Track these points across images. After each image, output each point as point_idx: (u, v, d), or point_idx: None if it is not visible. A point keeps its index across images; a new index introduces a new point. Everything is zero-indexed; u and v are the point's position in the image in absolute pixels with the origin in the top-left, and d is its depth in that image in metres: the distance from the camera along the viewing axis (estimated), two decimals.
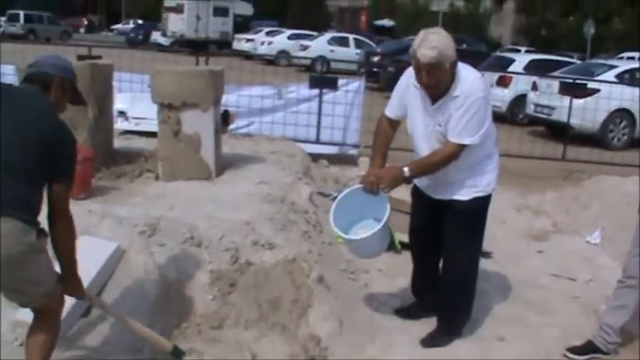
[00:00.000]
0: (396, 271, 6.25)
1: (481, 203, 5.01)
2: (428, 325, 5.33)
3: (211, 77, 6.60)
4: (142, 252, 4.99)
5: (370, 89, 15.86)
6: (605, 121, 15.86)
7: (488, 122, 4.74)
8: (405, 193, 6.61)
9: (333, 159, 10.77)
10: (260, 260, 5.13)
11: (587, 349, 5.16)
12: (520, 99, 18.84)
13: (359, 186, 4.99)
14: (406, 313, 5.58)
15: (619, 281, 5.14)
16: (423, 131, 4.89)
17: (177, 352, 4.36)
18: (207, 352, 4.54)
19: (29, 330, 3.82)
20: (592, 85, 14.86)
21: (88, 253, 4.89)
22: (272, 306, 4.89)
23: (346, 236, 4.92)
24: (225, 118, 7.33)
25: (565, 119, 13.81)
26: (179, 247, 5.10)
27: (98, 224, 5.22)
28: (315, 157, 9.70)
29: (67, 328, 4.55)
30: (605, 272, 6.65)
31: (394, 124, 5.14)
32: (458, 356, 5.02)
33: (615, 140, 16.15)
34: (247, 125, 11.15)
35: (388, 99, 5.20)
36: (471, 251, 5.19)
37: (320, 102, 11.70)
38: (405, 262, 5.88)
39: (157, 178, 6.66)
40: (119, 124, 8.99)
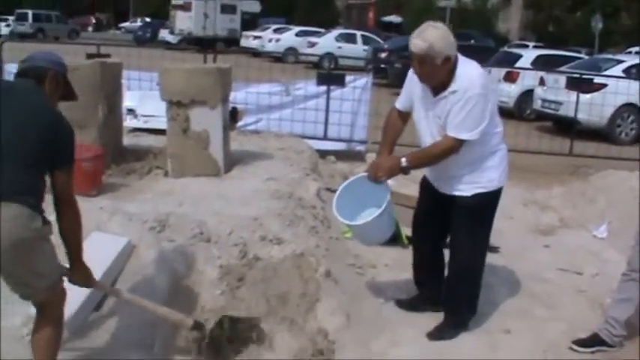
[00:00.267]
0: (403, 266, 6.28)
1: (484, 200, 5.02)
2: (435, 318, 5.37)
3: (219, 75, 6.66)
4: (152, 247, 5.08)
5: (378, 85, 15.91)
6: (613, 116, 15.84)
7: (488, 118, 4.75)
8: (412, 189, 6.68)
9: (340, 155, 10.79)
10: (268, 255, 5.19)
11: (593, 341, 5.19)
12: (527, 94, 18.78)
13: (361, 175, 5.13)
14: (408, 304, 5.63)
15: (623, 274, 5.18)
16: (425, 123, 4.97)
17: (198, 326, 4.45)
18: None
19: (34, 327, 3.85)
20: (599, 79, 14.87)
21: (99, 249, 4.97)
22: (280, 300, 4.94)
23: (346, 221, 5.05)
24: (234, 115, 7.39)
25: (572, 114, 13.76)
26: (188, 242, 5.17)
27: (109, 220, 5.31)
28: (322, 154, 9.74)
29: (77, 323, 4.63)
30: (612, 266, 6.65)
31: (404, 117, 5.21)
32: (464, 349, 5.06)
33: (623, 135, 16.12)
34: (255, 122, 11.18)
35: (396, 95, 5.29)
36: (475, 246, 5.22)
37: (327, 99, 11.71)
38: (411, 257, 5.92)
39: (165, 174, 6.74)
40: (128, 122, 9.05)
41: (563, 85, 15.53)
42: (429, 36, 4.62)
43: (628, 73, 16.00)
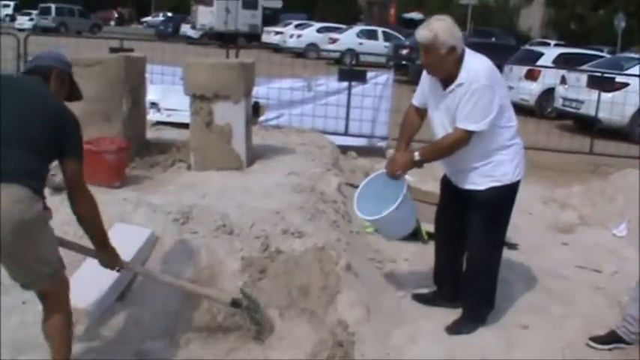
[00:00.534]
0: (423, 261, 6.34)
1: (499, 194, 5.07)
2: (453, 313, 5.42)
3: (242, 69, 6.72)
4: (176, 239, 5.16)
5: (399, 82, 15.91)
6: (634, 116, 15.78)
7: (497, 110, 4.83)
8: (432, 185, 6.73)
9: (361, 151, 10.84)
10: (290, 248, 5.23)
11: (611, 338, 5.21)
12: (548, 92, 18.76)
13: (379, 172, 5.29)
14: (426, 299, 5.70)
15: None
16: (437, 116, 5.09)
17: (236, 303, 4.56)
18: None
19: (42, 318, 3.89)
20: (621, 78, 14.81)
21: (124, 239, 5.04)
22: (301, 292, 4.99)
23: (364, 216, 5.21)
24: (256, 110, 7.45)
25: (593, 113, 13.78)
26: (211, 234, 5.22)
27: (133, 212, 5.39)
28: (343, 149, 9.79)
29: (101, 311, 4.71)
30: (631, 265, 6.69)
31: (421, 113, 5.32)
32: (482, 344, 5.10)
33: None
34: (277, 117, 11.26)
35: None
36: (492, 241, 5.28)
37: (349, 94, 11.78)
38: (431, 253, 5.96)
39: (188, 167, 6.79)
40: (151, 116, 9.13)
41: (585, 83, 15.51)
42: (435, 26, 4.79)
43: None
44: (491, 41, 31.59)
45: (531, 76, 19.42)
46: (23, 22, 54.34)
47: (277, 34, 44.08)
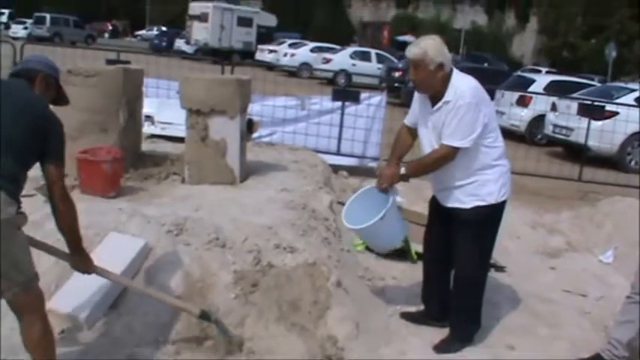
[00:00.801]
0: (411, 280, 6.41)
1: (484, 213, 5.16)
2: (441, 332, 5.48)
3: (239, 86, 6.78)
4: (169, 250, 5.21)
5: (391, 104, 16.01)
6: (623, 144, 15.88)
7: (481, 128, 4.95)
8: (423, 207, 6.80)
9: (352, 171, 10.89)
10: (282, 263, 5.30)
11: None
12: (539, 119, 18.78)
13: (369, 187, 5.49)
14: (413, 318, 5.77)
15: (627, 297, 5.29)
16: (425, 133, 5.23)
17: (205, 315, 4.61)
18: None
19: (21, 335, 3.87)
20: (610, 107, 14.93)
21: (117, 249, 5.12)
22: (292, 307, 5.05)
23: (350, 225, 5.34)
24: (250, 127, 7.51)
25: (583, 141, 13.87)
26: (204, 246, 5.28)
27: (127, 222, 5.44)
28: (335, 168, 9.86)
29: (94, 319, 4.76)
30: (617, 291, 6.72)
31: (413, 133, 5.46)
32: None
33: (633, 163, 16.12)
34: (270, 134, 11.31)
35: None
36: (477, 260, 5.36)
37: (342, 114, 11.86)
38: (419, 272, 6.04)
39: (182, 181, 6.84)
40: (146, 128, 9.16)
41: (575, 111, 15.57)
42: (424, 44, 5.01)
43: None
44: (483, 66, 31.78)
45: (522, 102, 19.51)
46: (17, 30, 54.24)
47: (271, 52, 44.10)
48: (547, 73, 33.33)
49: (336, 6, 69.88)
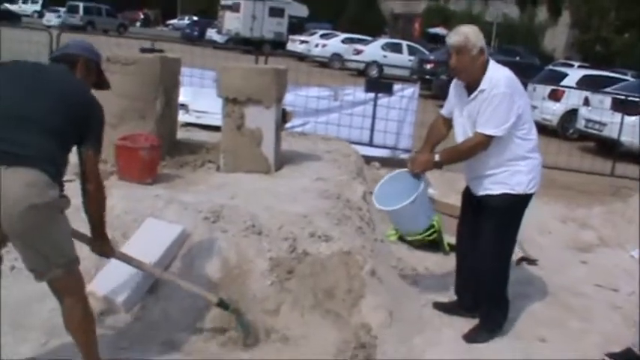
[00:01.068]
0: (443, 271, 6.46)
1: (511, 202, 5.22)
2: (473, 323, 5.54)
3: (276, 75, 6.83)
4: (206, 236, 5.29)
5: (423, 96, 15.99)
6: None
7: (515, 119, 5.00)
8: (456, 199, 6.84)
9: (384, 162, 10.94)
10: (317, 251, 5.36)
11: (627, 355, 5.29)
12: (571, 114, 18.68)
13: (402, 170, 5.51)
14: (444, 307, 5.82)
15: None
16: (460, 122, 5.29)
17: (223, 304, 4.68)
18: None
19: (63, 317, 3.93)
20: None
21: (155, 235, 5.21)
22: (327, 294, 5.13)
23: (381, 207, 5.43)
24: (284, 116, 7.56)
25: (616, 136, 13.81)
26: (240, 234, 5.35)
27: (164, 208, 5.52)
28: (367, 160, 9.89)
29: (132, 304, 4.86)
30: None
31: (448, 123, 5.52)
32: (501, 354, 5.21)
33: None
34: (302, 125, 11.36)
35: (440, 107, 5.57)
36: (499, 248, 5.41)
37: (375, 106, 11.91)
38: (452, 263, 6.09)
39: (217, 169, 6.90)
40: (180, 117, 9.24)
41: (608, 105, 15.50)
42: (464, 30, 5.11)
43: None
44: (515, 60, 31.48)
45: (555, 96, 19.40)
46: (51, 19, 54.76)
47: (302, 42, 44.08)
48: (579, 67, 33.05)
49: None
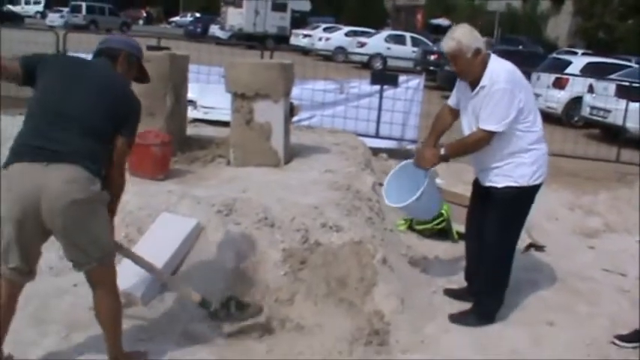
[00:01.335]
0: (453, 259, 6.55)
1: (515, 194, 5.27)
2: None
3: (283, 70, 6.93)
4: (220, 229, 5.41)
5: (427, 88, 16.03)
6: None
7: (516, 113, 5.05)
8: (463, 188, 6.94)
9: (391, 153, 10.99)
10: (328, 241, 5.47)
11: (635, 337, 5.38)
12: (576, 101, 18.68)
13: (407, 162, 5.63)
14: (454, 294, 5.90)
15: None
16: (465, 117, 5.38)
17: (205, 304, 4.72)
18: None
19: (94, 307, 4.05)
20: None
21: (169, 229, 5.31)
22: (339, 283, 5.24)
23: (391, 203, 5.58)
24: (291, 110, 7.66)
25: (620, 122, 13.80)
26: (253, 226, 5.48)
27: (178, 203, 5.64)
28: (374, 151, 9.96)
29: (150, 297, 4.96)
30: None
31: (454, 113, 5.59)
32: (510, 337, 5.29)
33: None
34: (309, 118, 11.46)
35: (445, 98, 5.66)
36: (502, 240, 5.47)
37: (380, 98, 11.98)
38: (461, 251, 6.19)
39: (228, 163, 7.01)
40: (189, 113, 9.36)
41: (613, 92, 15.50)
42: (456, 35, 5.12)
43: None
44: (518, 49, 31.50)
45: (559, 84, 19.41)
46: (54, 19, 54.96)
47: (305, 36, 44.08)
48: (583, 54, 33.00)
49: None
